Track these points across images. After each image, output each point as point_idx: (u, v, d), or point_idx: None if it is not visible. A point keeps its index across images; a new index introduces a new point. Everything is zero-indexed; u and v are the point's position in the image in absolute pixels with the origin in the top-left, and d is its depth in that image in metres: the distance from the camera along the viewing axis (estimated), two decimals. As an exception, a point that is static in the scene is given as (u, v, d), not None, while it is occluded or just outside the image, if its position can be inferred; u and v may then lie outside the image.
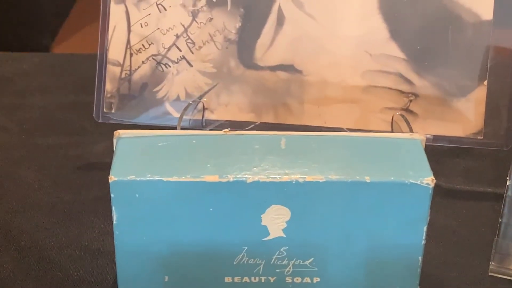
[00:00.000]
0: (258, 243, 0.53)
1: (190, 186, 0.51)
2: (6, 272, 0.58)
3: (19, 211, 0.64)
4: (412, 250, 0.53)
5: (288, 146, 0.54)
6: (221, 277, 0.55)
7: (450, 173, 0.71)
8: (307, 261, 0.54)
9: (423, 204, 0.52)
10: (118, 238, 0.53)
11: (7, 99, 0.81)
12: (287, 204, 0.52)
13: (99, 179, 0.68)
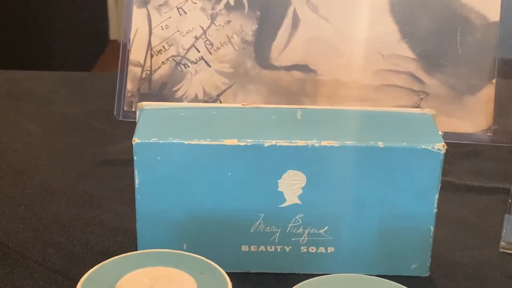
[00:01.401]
0: (274, 210, 0.55)
1: (210, 149, 0.53)
2: (29, 242, 0.59)
3: (40, 195, 0.66)
4: (424, 219, 0.55)
5: (304, 117, 0.56)
6: (238, 246, 0.56)
7: (461, 171, 0.72)
8: (322, 230, 0.55)
9: (435, 170, 0.53)
10: (140, 202, 0.54)
11: (31, 107, 0.84)
12: (303, 169, 0.54)
13: (120, 172, 0.70)
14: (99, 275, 0.47)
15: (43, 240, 0.59)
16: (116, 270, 0.47)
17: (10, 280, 0.55)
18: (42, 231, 0.61)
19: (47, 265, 0.56)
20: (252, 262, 0.56)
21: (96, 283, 0.46)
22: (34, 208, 0.64)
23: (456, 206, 0.67)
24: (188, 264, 0.48)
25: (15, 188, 0.67)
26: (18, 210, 0.63)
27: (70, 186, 0.67)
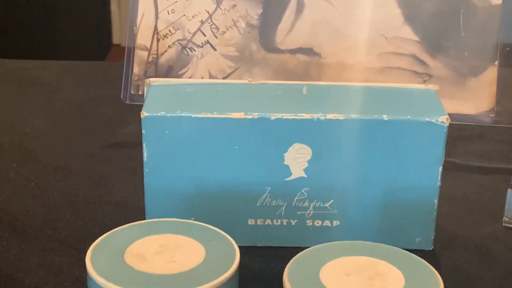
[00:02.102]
0: (280, 183, 0.55)
1: (217, 122, 0.54)
2: (39, 217, 0.60)
3: (49, 174, 0.67)
4: (428, 192, 0.56)
5: (309, 92, 0.57)
6: (244, 220, 0.57)
7: (464, 153, 0.73)
8: (327, 203, 0.56)
9: (438, 143, 0.54)
10: (148, 176, 0.55)
11: (39, 93, 0.85)
12: (309, 142, 0.54)
13: (129, 154, 0.71)
14: (108, 242, 0.48)
15: (53, 215, 0.60)
16: (125, 237, 0.48)
17: (21, 252, 0.56)
18: (52, 207, 0.61)
19: (57, 238, 0.57)
20: (258, 236, 0.57)
21: (105, 249, 0.47)
22: (43, 186, 0.64)
23: (459, 185, 0.67)
24: (196, 232, 0.49)
25: (24, 167, 0.68)
26: (28, 187, 0.64)
27: (78, 166, 0.68)
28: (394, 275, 0.45)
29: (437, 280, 0.45)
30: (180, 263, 0.46)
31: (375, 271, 0.45)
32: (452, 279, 0.54)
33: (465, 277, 0.55)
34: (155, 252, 0.47)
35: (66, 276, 0.53)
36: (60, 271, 0.54)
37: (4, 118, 0.78)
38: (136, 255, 0.46)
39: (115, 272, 0.44)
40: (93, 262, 0.45)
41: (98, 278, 0.44)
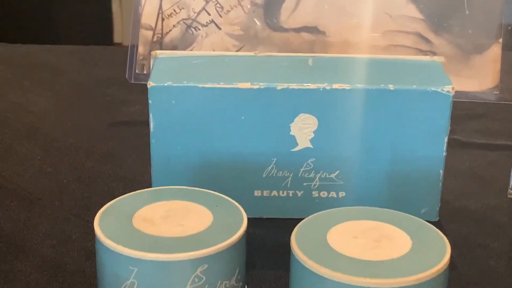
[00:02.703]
0: (286, 154, 0.56)
1: (224, 92, 0.54)
2: (46, 189, 0.60)
3: (56, 149, 0.67)
4: (433, 162, 0.56)
5: (315, 64, 0.57)
6: (250, 191, 0.57)
7: (468, 130, 0.73)
8: (333, 174, 0.56)
9: (444, 112, 0.54)
10: (154, 147, 0.56)
11: (44, 76, 0.85)
12: (315, 112, 0.55)
13: (135, 132, 0.71)
14: (116, 207, 0.48)
15: (60, 188, 0.61)
16: (133, 203, 0.48)
17: (29, 220, 0.56)
18: (59, 180, 0.62)
19: (64, 209, 0.58)
20: (265, 208, 0.57)
21: (113, 214, 0.47)
22: (50, 160, 0.65)
23: (464, 161, 0.68)
24: (203, 198, 0.49)
25: (31, 142, 0.68)
26: (35, 161, 0.64)
27: (85, 142, 0.69)
28: (401, 237, 0.45)
29: (444, 243, 0.45)
30: (187, 226, 0.46)
31: (381, 234, 0.45)
32: (458, 248, 0.54)
33: (471, 246, 0.55)
34: (162, 217, 0.47)
35: (73, 244, 0.53)
36: (67, 240, 0.54)
37: (9, 98, 0.78)
38: (144, 220, 0.46)
39: (123, 235, 0.45)
40: (101, 226, 0.45)
41: (106, 241, 0.44)
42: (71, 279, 0.50)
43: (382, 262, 0.43)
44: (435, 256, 0.43)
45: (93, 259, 0.50)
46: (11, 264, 0.51)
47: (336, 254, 0.43)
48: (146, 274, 0.43)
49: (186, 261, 0.43)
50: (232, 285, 0.45)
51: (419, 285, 0.41)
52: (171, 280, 0.43)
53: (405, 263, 0.43)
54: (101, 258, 0.45)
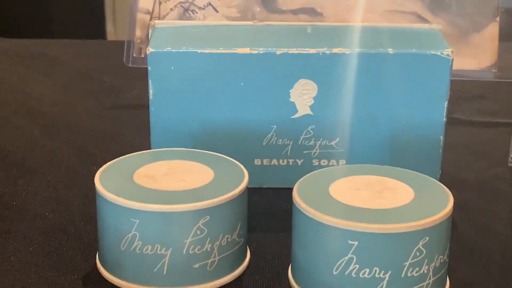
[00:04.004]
0: (286, 121, 0.56)
1: (223, 58, 0.54)
2: (46, 160, 0.60)
3: (56, 127, 0.67)
4: (434, 128, 0.56)
5: (314, 31, 0.57)
6: (250, 159, 0.57)
7: (467, 110, 0.74)
8: (333, 142, 0.56)
9: (444, 76, 0.54)
10: (154, 114, 0.55)
11: (41, 65, 0.85)
12: (314, 78, 0.54)
13: (134, 114, 0.71)
14: (117, 166, 0.48)
15: (59, 160, 0.60)
16: (134, 162, 0.48)
17: (28, 186, 0.56)
18: (59, 154, 0.61)
19: (63, 178, 0.57)
20: (265, 177, 0.57)
21: (114, 171, 0.47)
22: (49, 136, 0.65)
23: (463, 137, 0.68)
24: (204, 158, 0.49)
25: (29, 121, 0.68)
26: (34, 136, 0.64)
27: (84, 123, 0.68)
28: (404, 189, 0.45)
29: (446, 193, 0.45)
30: (189, 182, 0.46)
31: (384, 186, 0.45)
32: (459, 212, 0.54)
33: (472, 210, 0.55)
34: (164, 174, 0.47)
35: (73, 209, 0.53)
36: (67, 205, 0.54)
37: (7, 84, 0.78)
38: (146, 176, 0.46)
39: (125, 189, 0.44)
40: (102, 182, 0.45)
41: (107, 194, 0.44)
42: (71, 240, 0.49)
43: (384, 210, 0.42)
44: (437, 205, 0.43)
45: (93, 223, 0.50)
46: (11, 225, 0.50)
47: (338, 204, 0.43)
48: (148, 226, 0.43)
49: (188, 212, 0.43)
50: (233, 239, 0.45)
51: (422, 231, 0.41)
52: (173, 232, 0.43)
53: (408, 211, 0.42)
54: (102, 213, 0.45)
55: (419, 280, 0.42)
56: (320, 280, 0.42)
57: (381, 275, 0.41)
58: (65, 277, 0.45)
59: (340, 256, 0.41)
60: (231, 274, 0.46)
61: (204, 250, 0.44)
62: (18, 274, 0.45)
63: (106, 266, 0.45)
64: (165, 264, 0.43)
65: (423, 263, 0.41)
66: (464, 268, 0.47)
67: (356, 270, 0.41)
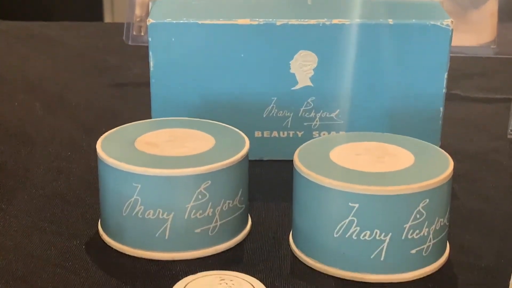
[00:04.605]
0: (286, 93, 0.56)
1: (223, 29, 0.54)
2: (48, 132, 0.60)
3: (57, 102, 0.67)
4: (434, 99, 0.56)
5: (314, 2, 0.58)
6: (251, 132, 0.57)
7: (467, 87, 0.74)
8: (333, 114, 0.56)
9: (443, 47, 0.54)
10: (154, 86, 0.55)
11: (42, 45, 0.85)
12: (314, 49, 0.55)
13: (134, 92, 0.71)
14: (118, 133, 0.48)
15: (61, 134, 0.61)
16: (134, 130, 0.48)
17: (30, 156, 0.56)
18: (60, 128, 0.62)
19: (65, 149, 0.58)
20: (265, 149, 0.57)
21: (116, 139, 0.47)
22: (49, 110, 0.65)
23: (463, 112, 0.68)
24: (206, 126, 0.49)
25: (30, 96, 0.68)
26: (35, 111, 0.64)
27: (84, 99, 0.69)
28: (404, 154, 0.45)
29: (446, 158, 0.45)
30: (191, 148, 0.46)
31: (384, 151, 0.45)
32: (459, 182, 0.54)
33: (472, 180, 0.55)
34: (166, 141, 0.47)
35: (74, 178, 0.53)
36: (68, 174, 0.54)
37: (7, 62, 0.78)
38: (147, 143, 0.46)
39: (126, 155, 0.45)
40: (104, 148, 0.45)
41: (109, 160, 0.44)
42: (73, 208, 0.49)
43: (385, 173, 0.43)
44: (438, 168, 0.43)
45: (95, 192, 0.50)
46: (13, 193, 0.51)
47: (339, 168, 0.43)
48: (150, 191, 0.43)
49: (189, 177, 0.43)
50: (235, 205, 0.45)
51: (423, 193, 0.41)
52: (175, 197, 0.43)
53: (409, 174, 0.43)
54: (104, 179, 0.45)
55: (420, 242, 0.42)
56: (321, 244, 0.43)
57: (382, 237, 0.41)
58: (69, 242, 0.45)
59: (340, 219, 0.42)
60: (233, 240, 0.46)
61: (205, 215, 0.44)
62: (22, 238, 0.45)
63: (108, 232, 0.46)
64: (167, 229, 0.44)
65: (424, 225, 0.42)
66: (464, 234, 0.47)
67: (356, 233, 0.42)
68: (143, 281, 0.42)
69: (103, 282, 0.42)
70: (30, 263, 0.43)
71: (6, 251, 0.44)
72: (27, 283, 0.41)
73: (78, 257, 0.44)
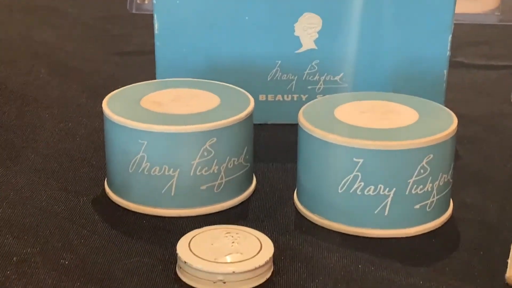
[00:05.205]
0: (291, 56, 0.56)
1: (228, -9, 0.54)
2: (53, 96, 0.61)
3: (62, 68, 0.67)
4: (437, 62, 0.56)
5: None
6: (255, 95, 0.56)
7: (471, 54, 0.74)
8: (337, 77, 0.57)
9: (448, 8, 0.55)
10: (159, 50, 0.56)
11: (45, 14, 0.85)
12: (319, 11, 0.55)
13: (138, 60, 0.71)
14: (124, 93, 0.48)
15: (65, 97, 0.61)
16: (140, 90, 0.49)
17: (35, 118, 0.57)
18: (65, 91, 0.62)
19: (70, 113, 0.58)
20: (269, 113, 0.58)
21: (121, 98, 0.47)
22: (54, 74, 0.65)
23: (467, 78, 0.68)
24: (211, 86, 0.49)
25: (35, 62, 0.68)
26: (39, 75, 0.65)
27: (89, 66, 0.69)
28: (408, 112, 0.45)
29: (450, 115, 0.45)
30: (196, 106, 0.46)
31: (389, 109, 0.46)
32: (463, 144, 0.54)
33: (475, 141, 0.55)
34: (171, 100, 0.47)
35: (81, 139, 0.54)
36: (74, 135, 0.54)
37: (12, 31, 0.78)
38: (152, 102, 0.47)
39: (132, 113, 0.45)
40: (110, 106, 0.46)
41: (114, 117, 0.44)
42: (79, 166, 0.50)
43: (389, 129, 0.43)
44: (442, 124, 0.43)
45: (100, 152, 0.51)
46: (20, 152, 0.51)
47: (343, 124, 0.44)
48: (155, 148, 0.43)
49: (195, 134, 0.43)
50: (240, 163, 0.46)
51: (427, 148, 0.42)
52: (180, 153, 0.44)
53: (413, 130, 0.43)
54: (111, 137, 0.45)
55: (423, 197, 0.42)
56: (325, 200, 0.43)
57: (386, 192, 0.42)
58: (76, 199, 0.46)
59: (345, 174, 0.42)
60: (238, 197, 0.46)
61: (211, 172, 0.44)
62: (29, 194, 0.46)
63: (114, 189, 0.46)
64: (173, 185, 0.44)
65: (427, 180, 0.42)
66: (467, 192, 0.48)
67: (361, 188, 0.42)
68: (149, 237, 0.42)
69: (111, 237, 0.42)
70: (38, 217, 0.43)
71: (14, 205, 0.45)
72: (36, 235, 0.41)
73: (85, 213, 0.44)
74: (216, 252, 0.38)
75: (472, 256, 0.41)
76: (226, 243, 0.39)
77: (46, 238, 0.41)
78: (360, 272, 0.39)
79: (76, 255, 0.40)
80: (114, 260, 0.40)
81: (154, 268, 0.39)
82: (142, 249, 0.41)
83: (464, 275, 0.39)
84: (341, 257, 0.41)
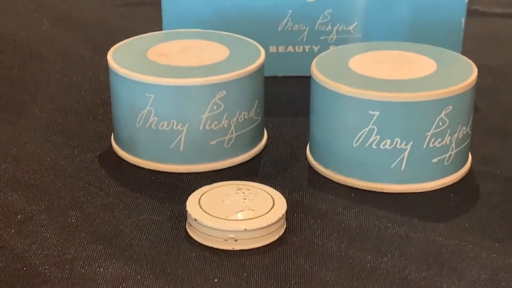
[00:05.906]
0: (302, 4, 0.54)
1: None
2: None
3: (60, 18, 0.66)
4: (455, 10, 0.54)
5: None
6: (265, 46, 0.55)
7: (486, 2, 0.72)
8: (351, 27, 0.55)
9: (465, -46, 0.52)
10: (166, 2, 0.54)
11: None
12: (331, -42, 0.53)
13: (144, 11, 0.69)
14: (130, 45, 0.47)
15: (70, 49, 0.60)
16: (146, 41, 0.47)
17: (39, 72, 0.55)
18: (68, 43, 0.61)
19: (73, 65, 0.57)
20: (280, 65, 0.56)
21: (127, 49, 0.46)
22: (59, 27, 0.64)
23: (483, 27, 0.66)
24: (219, 37, 0.48)
25: (39, 13, 0.67)
26: (43, 27, 0.63)
27: (94, 18, 0.67)
28: (426, 62, 0.44)
29: (470, 65, 0.43)
30: (204, 58, 0.44)
31: (405, 59, 0.44)
32: (481, 95, 0.53)
33: (495, 93, 0.54)
34: (179, 51, 0.45)
35: (85, 92, 0.53)
36: (78, 88, 0.53)
37: None
38: (159, 54, 0.45)
39: (139, 66, 0.43)
40: (116, 59, 0.44)
41: (121, 70, 0.43)
42: (85, 121, 0.48)
43: (406, 80, 0.41)
44: (461, 75, 0.42)
45: (106, 106, 0.49)
46: (24, 107, 0.50)
47: (358, 75, 0.42)
48: (163, 101, 0.42)
49: (204, 87, 0.42)
50: (251, 117, 0.44)
51: (446, 99, 0.40)
52: (189, 107, 0.42)
53: (431, 80, 0.41)
54: (117, 90, 0.44)
55: (442, 151, 0.41)
56: (339, 154, 0.42)
57: (403, 145, 0.40)
58: (82, 155, 0.44)
59: (360, 128, 0.40)
60: (249, 152, 0.45)
61: (221, 126, 0.43)
62: (34, 149, 0.45)
63: (121, 144, 0.45)
64: (182, 140, 0.42)
65: (446, 133, 0.40)
66: (485, 146, 0.46)
67: (377, 142, 0.40)
68: (158, 194, 0.41)
69: (118, 194, 0.41)
70: (43, 173, 0.42)
71: (18, 161, 0.43)
72: (41, 192, 0.40)
73: (92, 169, 0.43)
74: (227, 209, 0.37)
75: (491, 211, 0.40)
76: (237, 200, 0.38)
77: (51, 195, 0.40)
78: (376, 229, 0.38)
79: (82, 212, 0.39)
80: (122, 218, 0.38)
81: (163, 226, 0.38)
82: (150, 206, 0.40)
83: (483, 230, 0.38)
84: (356, 214, 0.39)
